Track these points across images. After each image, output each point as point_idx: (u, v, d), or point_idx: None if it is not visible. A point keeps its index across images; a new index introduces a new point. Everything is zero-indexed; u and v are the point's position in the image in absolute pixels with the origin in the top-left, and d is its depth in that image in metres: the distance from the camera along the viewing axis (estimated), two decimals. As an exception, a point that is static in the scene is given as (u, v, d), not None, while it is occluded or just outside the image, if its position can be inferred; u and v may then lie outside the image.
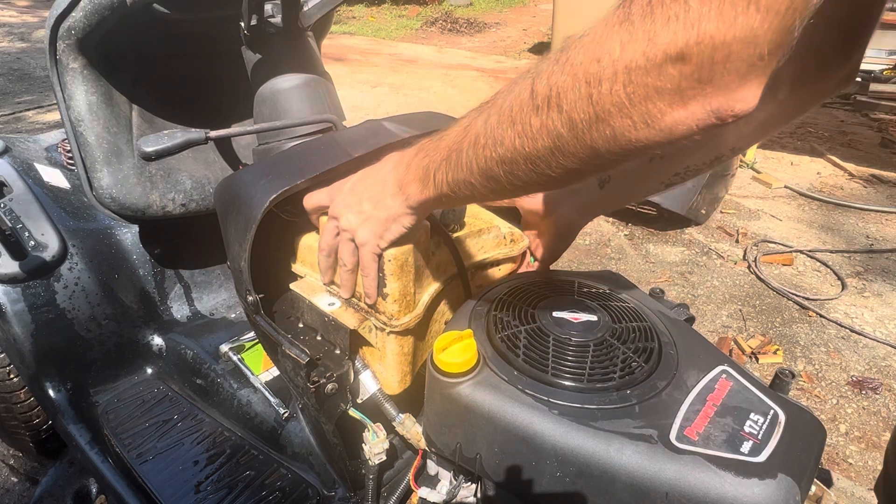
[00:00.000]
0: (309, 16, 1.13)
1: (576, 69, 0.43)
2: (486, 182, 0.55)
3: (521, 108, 0.48)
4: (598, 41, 0.42)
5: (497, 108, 0.52)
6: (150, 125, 1.42)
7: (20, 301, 1.27)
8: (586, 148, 0.46)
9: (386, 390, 0.87)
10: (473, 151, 0.54)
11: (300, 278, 0.91)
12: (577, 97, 0.43)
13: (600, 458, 0.61)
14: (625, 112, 0.42)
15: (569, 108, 0.44)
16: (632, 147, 0.44)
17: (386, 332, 0.81)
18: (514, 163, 0.51)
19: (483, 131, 0.53)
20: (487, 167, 0.53)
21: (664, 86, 0.40)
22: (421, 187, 0.63)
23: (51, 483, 1.47)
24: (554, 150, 0.47)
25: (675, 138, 0.42)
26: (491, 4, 10.79)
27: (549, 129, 0.46)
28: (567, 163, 0.48)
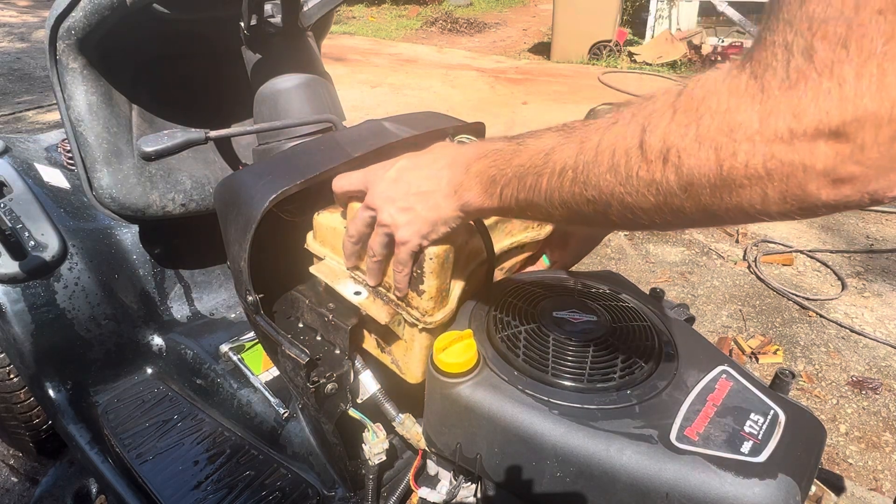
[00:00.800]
0: (309, 16, 1.13)
1: (701, 136, 0.40)
2: (567, 214, 0.52)
3: (627, 157, 0.45)
4: (728, 110, 0.38)
5: (592, 145, 0.48)
6: (150, 125, 1.42)
7: (20, 301, 1.27)
8: (701, 210, 0.42)
9: (408, 380, 0.84)
10: (559, 182, 0.50)
11: (317, 260, 0.86)
12: (703, 163, 0.40)
13: (600, 459, 0.61)
14: (761, 185, 0.38)
15: (689, 172, 0.41)
16: (757, 216, 0.40)
17: (418, 329, 0.78)
18: (608, 206, 0.47)
19: (572, 164, 0.49)
20: (574, 202, 0.50)
21: (814, 165, 0.36)
22: (483, 197, 0.59)
23: (51, 483, 1.47)
24: (661, 206, 0.44)
25: (810, 215, 0.39)
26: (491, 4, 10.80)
27: (662, 187, 0.43)
28: (673, 219, 0.45)
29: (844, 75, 0.33)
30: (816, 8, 0.33)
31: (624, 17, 7.82)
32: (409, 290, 0.75)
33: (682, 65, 6.64)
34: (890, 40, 0.32)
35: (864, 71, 0.32)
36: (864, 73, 0.32)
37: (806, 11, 0.34)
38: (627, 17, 8.13)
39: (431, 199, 0.62)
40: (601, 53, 6.96)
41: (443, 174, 0.62)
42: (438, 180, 0.62)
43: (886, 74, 0.32)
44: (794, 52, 0.35)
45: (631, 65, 6.87)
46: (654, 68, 6.65)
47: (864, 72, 0.32)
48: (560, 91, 5.87)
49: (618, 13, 6.99)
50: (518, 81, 6.23)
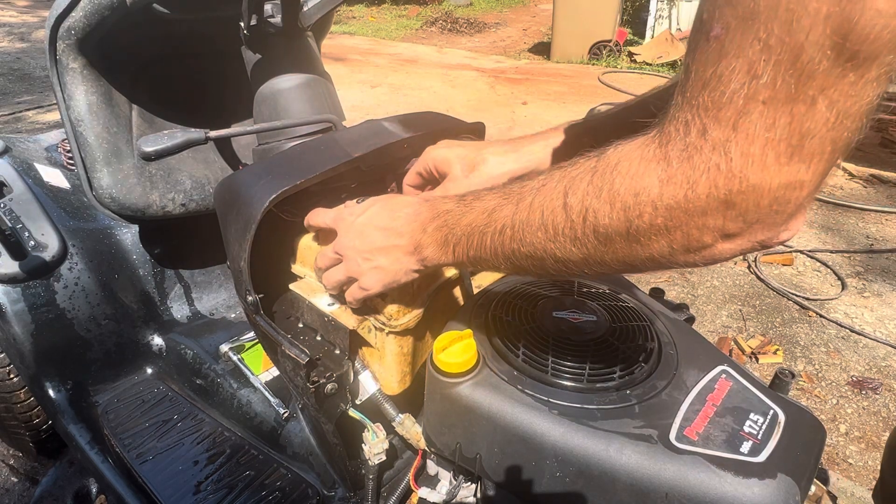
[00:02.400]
0: (309, 16, 1.13)
1: (613, 197, 0.44)
2: (511, 267, 0.58)
3: (553, 215, 0.49)
4: (635, 175, 0.43)
5: (526, 206, 0.52)
6: (150, 125, 1.42)
7: (20, 301, 1.27)
8: (620, 261, 0.47)
9: (385, 391, 0.87)
10: (500, 240, 0.55)
11: (300, 278, 0.91)
12: (614, 222, 0.45)
13: (600, 458, 0.61)
14: (666, 239, 0.43)
15: (605, 230, 0.46)
16: (669, 265, 0.46)
17: (385, 333, 0.81)
18: (543, 260, 0.52)
19: (510, 223, 0.54)
20: (514, 257, 0.55)
21: (708, 225, 0.41)
22: (439, 254, 0.64)
23: (51, 483, 1.47)
24: (587, 258, 0.49)
25: (715, 262, 0.44)
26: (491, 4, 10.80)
27: (583, 243, 0.48)
28: (599, 269, 0.50)
29: (731, 154, 0.38)
30: (713, 94, 0.38)
31: (624, 17, 7.81)
32: (375, 297, 0.78)
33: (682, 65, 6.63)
34: (771, 128, 0.36)
35: (749, 151, 0.37)
36: (748, 153, 0.37)
37: (704, 96, 0.38)
38: (627, 17, 8.13)
39: (393, 254, 0.68)
40: (601, 53, 6.96)
41: (403, 231, 0.67)
42: (399, 237, 0.67)
43: (767, 156, 0.37)
44: (692, 130, 0.39)
45: (631, 65, 6.87)
46: (654, 68, 6.65)
47: (749, 152, 0.37)
48: (560, 91, 5.87)
49: (618, 13, 6.98)
50: (518, 81, 6.23)
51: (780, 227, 0.40)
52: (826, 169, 0.37)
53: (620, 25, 7.32)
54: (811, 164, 0.36)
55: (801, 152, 0.36)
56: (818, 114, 0.35)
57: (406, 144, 0.93)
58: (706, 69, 0.38)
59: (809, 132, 0.35)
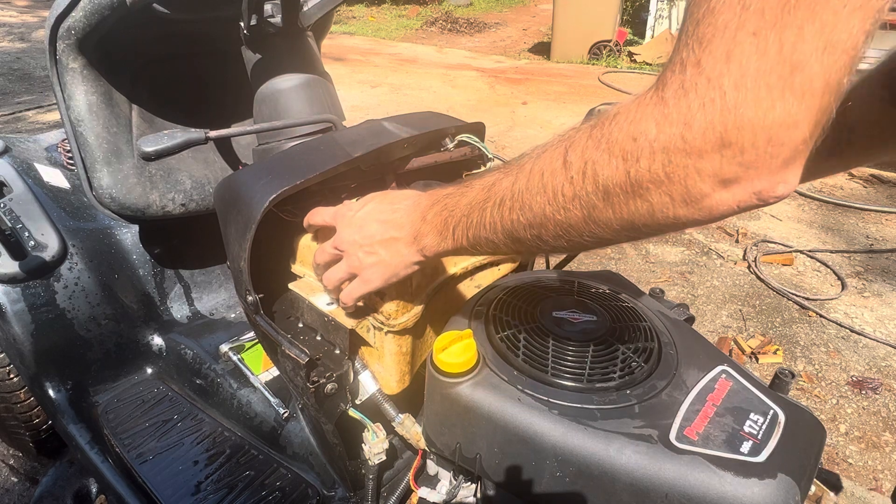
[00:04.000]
0: (309, 16, 1.13)
1: (611, 145, 0.44)
2: (511, 242, 0.56)
3: (553, 176, 0.49)
4: (633, 120, 0.43)
5: (525, 173, 0.52)
6: (150, 125, 1.42)
7: (20, 301, 1.27)
8: (621, 220, 0.46)
9: (385, 390, 0.87)
10: (499, 212, 0.55)
11: (300, 278, 0.91)
12: (613, 172, 0.44)
13: (600, 458, 0.61)
14: (663, 189, 0.42)
15: (604, 182, 0.45)
16: (669, 222, 0.44)
17: (384, 332, 0.81)
18: (543, 227, 0.51)
19: (509, 194, 0.53)
20: (513, 229, 0.54)
21: (705, 168, 0.40)
22: (438, 240, 0.63)
23: (51, 483, 1.47)
24: (587, 219, 0.48)
25: (714, 217, 0.43)
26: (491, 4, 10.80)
27: (583, 199, 0.47)
28: (599, 232, 0.48)
29: (725, 86, 0.38)
30: (706, 29, 0.38)
31: (624, 17, 7.81)
32: (373, 296, 0.79)
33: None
34: (762, 57, 0.36)
35: (742, 83, 0.37)
36: (741, 85, 0.37)
37: (698, 31, 0.39)
38: (627, 17, 8.13)
39: (394, 246, 0.67)
40: (601, 53, 6.96)
41: (403, 223, 0.67)
42: (399, 228, 0.67)
43: (759, 88, 0.37)
44: (687, 66, 0.39)
45: (631, 65, 6.87)
46: (654, 68, 6.64)
47: (742, 83, 0.37)
48: (560, 91, 5.87)
49: (618, 13, 6.99)
50: (518, 81, 6.23)
51: (776, 174, 0.39)
52: (819, 110, 0.37)
53: (620, 25, 7.32)
54: (804, 100, 0.37)
55: (792, 86, 0.36)
56: (807, 42, 0.35)
57: (406, 144, 0.93)
58: (699, 8, 0.39)
59: (800, 64, 0.36)
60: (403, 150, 0.94)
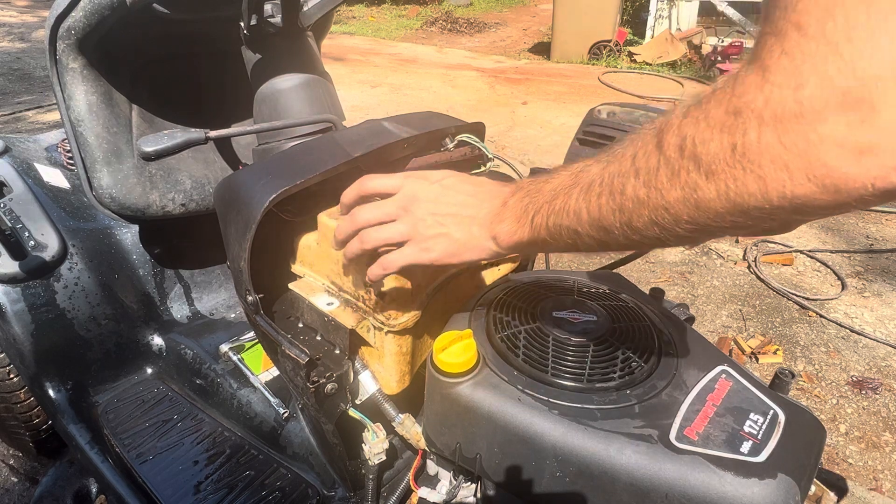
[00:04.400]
0: (309, 16, 1.13)
1: (711, 122, 0.40)
2: (595, 232, 0.51)
3: (647, 158, 0.45)
4: (735, 95, 0.38)
5: (616, 157, 0.48)
6: (150, 125, 1.42)
7: (20, 301, 1.27)
8: (727, 201, 0.40)
9: (385, 390, 0.87)
10: (585, 198, 0.50)
11: (300, 278, 0.91)
12: (718, 147, 0.39)
13: (600, 459, 0.61)
14: (779, 163, 0.37)
15: (707, 159, 0.40)
16: (786, 204, 0.38)
17: (384, 332, 0.81)
18: (635, 213, 0.46)
19: (598, 178, 0.49)
20: (601, 216, 0.49)
21: (828, 135, 0.34)
22: (515, 228, 0.59)
23: (51, 483, 1.47)
24: (686, 201, 0.42)
25: (842, 199, 0.36)
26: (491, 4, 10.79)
27: (684, 180, 0.42)
28: (700, 217, 0.43)
29: (837, 41, 0.33)
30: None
31: (624, 17, 7.81)
32: (374, 296, 0.79)
33: (682, 65, 6.64)
34: (871, 6, 0.32)
35: (853, 36, 0.33)
36: (852, 38, 0.33)
37: (795, 3, 0.35)
38: (627, 17, 8.13)
39: (467, 225, 0.63)
40: (601, 53, 6.96)
41: (483, 204, 0.62)
42: (478, 208, 0.62)
43: (876, 39, 0.32)
44: (788, 34, 0.35)
45: (631, 65, 6.87)
46: (654, 68, 6.64)
47: (853, 36, 0.33)
48: (560, 91, 5.87)
49: (618, 13, 6.98)
50: (518, 81, 6.23)
51: None
52: None
53: (620, 25, 7.32)
54: None
55: None
56: None
57: (406, 144, 0.93)
58: None
59: None
60: (403, 150, 0.94)
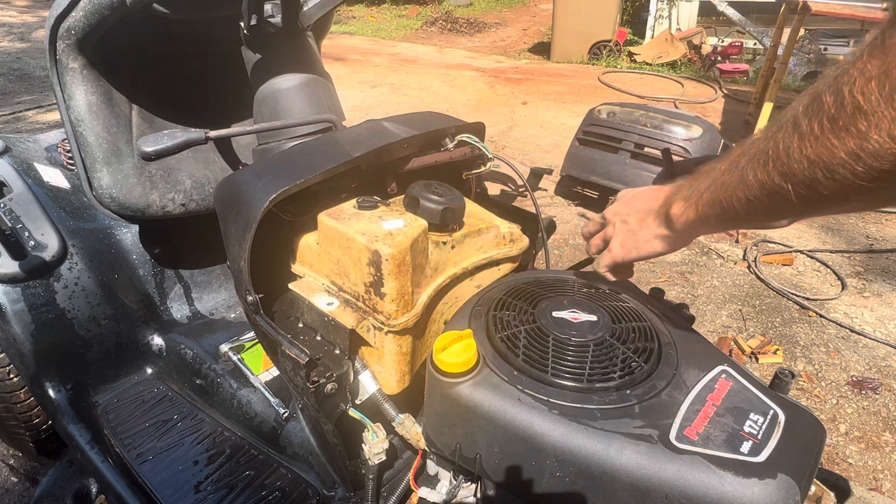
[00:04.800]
0: (309, 16, 1.13)
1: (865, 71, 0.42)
2: (767, 198, 0.53)
3: (808, 117, 0.47)
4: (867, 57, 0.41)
5: (776, 129, 0.51)
6: (150, 125, 1.42)
7: (20, 301, 1.27)
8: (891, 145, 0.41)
9: (385, 390, 0.87)
10: (752, 165, 0.53)
11: (299, 278, 0.91)
12: (873, 85, 0.41)
13: (600, 458, 0.61)
14: None
15: (863, 99, 0.42)
16: None
17: (384, 332, 0.81)
18: (806, 173, 0.48)
19: (763, 147, 0.52)
20: (769, 179, 0.52)
21: None
22: (684, 206, 0.65)
23: (51, 483, 1.47)
24: (851, 152, 0.44)
25: None
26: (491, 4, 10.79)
27: (843, 122, 0.43)
28: (872, 164, 0.43)
29: None
30: None
31: (624, 17, 7.81)
32: (373, 296, 0.79)
33: (682, 65, 6.64)
34: None
35: None
36: None
37: None
38: (627, 17, 8.12)
39: (644, 218, 0.72)
40: (601, 53, 6.95)
41: (659, 196, 0.71)
42: (654, 201, 0.71)
43: None
44: None
45: (631, 65, 6.87)
46: (654, 68, 6.64)
47: None
48: (560, 91, 5.87)
49: (618, 13, 6.98)
50: (518, 81, 6.23)
51: None
52: None
53: (620, 25, 7.32)
54: None
55: None
56: None
57: (406, 144, 0.93)
58: None
59: None
60: (403, 150, 0.94)
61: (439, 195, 0.86)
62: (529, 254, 1.08)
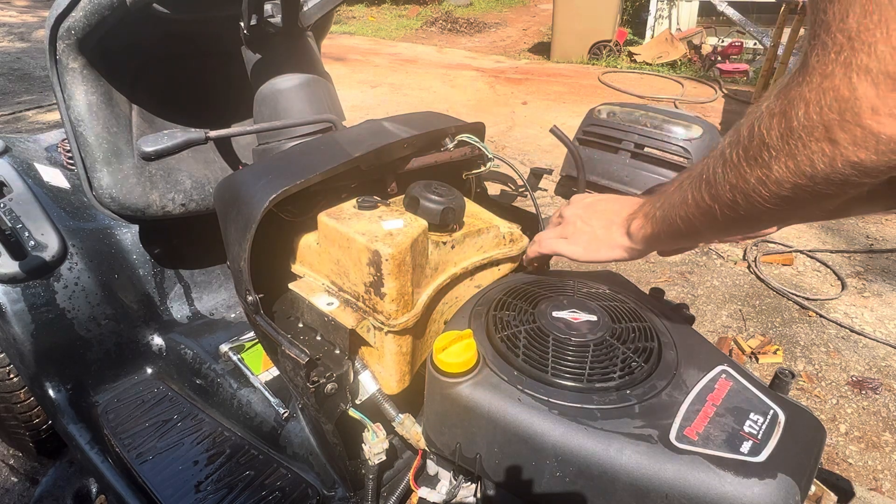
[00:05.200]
0: (309, 16, 1.13)
1: (771, 109, 0.47)
2: (701, 217, 0.59)
3: (733, 146, 0.52)
4: (787, 87, 0.46)
5: (714, 154, 0.56)
6: (150, 125, 1.42)
7: (20, 301, 1.27)
8: (793, 173, 0.47)
9: (385, 390, 0.87)
10: (691, 185, 0.60)
11: (300, 278, 0.91)
12: (777, 132, 0.47)
13: (600, 459, 0.61)
14: (825, 133, 0.43)
15: (771, 142, 0.47)
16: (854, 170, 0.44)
17: (384, 332, 0.81)
18: (731, 196, 0.54)
19: (701, 171, 0.58)
20: (703, 200, 0.58)
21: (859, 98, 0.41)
22: (643, 222, 0.71)
23: (51, 483, 1.47)
24: (761, 179, 0.50)
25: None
26: (491, 4, 10.79)
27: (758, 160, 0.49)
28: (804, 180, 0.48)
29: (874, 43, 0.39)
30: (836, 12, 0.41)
31: (624, 17, 7.81)
32: (373, 296, 0.79)
33: (682, 65, 6.64)
34: None
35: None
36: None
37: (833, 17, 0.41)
38: (627, 17, 8.13)
39: (608, 227, 0.77)
40: (601, 53, 6.96)
41: (623, 210, 0.77)
42: (618, 215, 0.77)
43: None
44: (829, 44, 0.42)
45: (631, 65, 6.87)
46: (654, 68, 6.65)
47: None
48: (560, 91, 5.87)
49: (618, 13, 6.98)
50: (518, 81, 6.23)
51: None
52: None
53: (620, 25, 7.32)
54: None
55: None
56: None
57: (406, 144, 0.93)
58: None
59: None
60: (403, 150, 0.94)
61: (439, 195, 0.86)
62: None
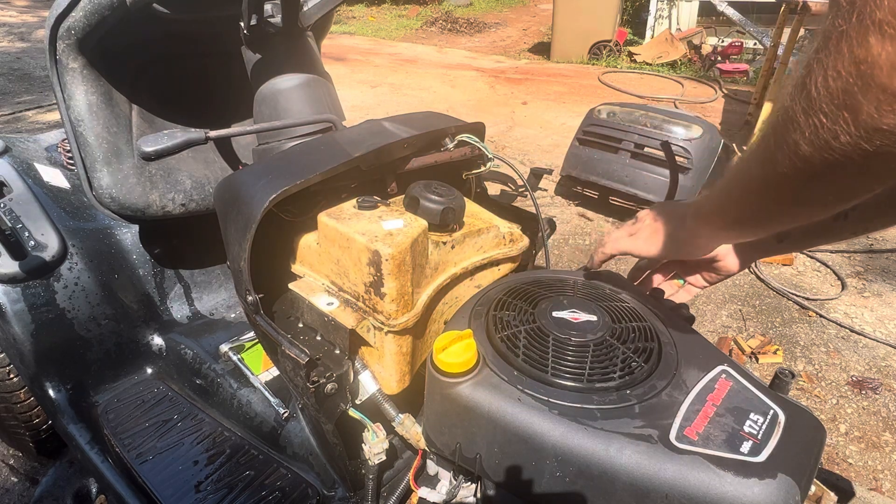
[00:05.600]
0: (309, 16, 1.13)
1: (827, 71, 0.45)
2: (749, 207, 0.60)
3: (794, 111, 0.49)
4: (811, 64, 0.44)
5: (755, 141, 0.56)
6: (150, 125, 1.42)
7: (20, 301, 1.27)
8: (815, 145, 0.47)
9: (385, 390, 0.87)
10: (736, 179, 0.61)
11: (299, 278, 0.91)
12: (839, 81, 0.44)
13: (600, 458, 0.61)
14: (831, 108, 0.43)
15: (836, 89, 0.44)
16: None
17: (384, 332, 0.81)
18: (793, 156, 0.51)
19: (746, 156, 0.58)
20: (750, 179, 0.58)
21: None
22: (696, 209, 0.72)
23: (51, 483, 1.47)
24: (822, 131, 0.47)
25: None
26: (491, 4, 10.79)
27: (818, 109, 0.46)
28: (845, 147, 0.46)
29: None
30: None
31: (624, 17, 7.81)
32: (373, 296, 0.79)
33: (682, 65, 6.64)
34: None
35: None
36: None
37: None
38: (627, 17, 8.12)
39: (668, 220, 0.79)
40: (601, 53, 6.95)
41: (687, 207, 0.77)
42: (689, 207, 0.76)
43: None
44: None
45: (631, 65, 6.87)
46: (653, 68, 6.64)
47: None
48: (560, 91, 5.87)
49: (618, 13, 6.98)
50: (518, 81, 6.23)
51: None
52: None
53: (620, 25, 7.32)
54: None
55: None
56: None
57: (406, 144, 0.93)
58: None
59: None
60: (403, 150, 0.94)
61: (439, 195, 0.86)
62: (529, 254, 1.08)
